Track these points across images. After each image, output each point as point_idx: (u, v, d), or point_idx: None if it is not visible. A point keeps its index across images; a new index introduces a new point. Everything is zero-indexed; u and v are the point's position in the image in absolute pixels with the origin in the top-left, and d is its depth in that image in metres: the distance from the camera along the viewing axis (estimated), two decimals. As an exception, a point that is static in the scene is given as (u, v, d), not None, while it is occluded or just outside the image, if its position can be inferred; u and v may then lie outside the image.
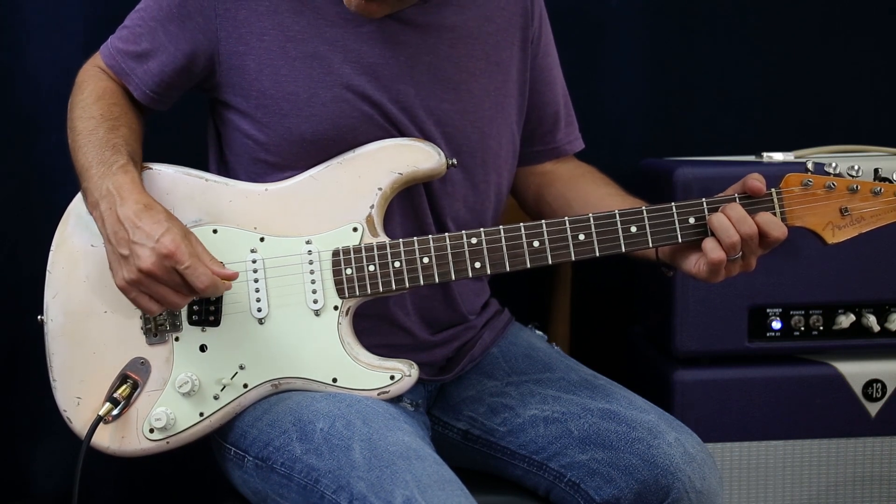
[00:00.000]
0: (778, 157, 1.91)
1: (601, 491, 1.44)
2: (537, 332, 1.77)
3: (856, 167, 1.41)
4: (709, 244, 1.38)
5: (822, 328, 1.90)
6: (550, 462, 1.49)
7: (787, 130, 2.26)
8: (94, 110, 1.49)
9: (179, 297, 1.37)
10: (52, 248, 1.48)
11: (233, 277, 1.40)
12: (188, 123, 1.65)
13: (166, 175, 1.48)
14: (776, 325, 1.89)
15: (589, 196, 1.62)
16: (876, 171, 1.42)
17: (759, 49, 2.28)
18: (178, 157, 1.53)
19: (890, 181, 1.42)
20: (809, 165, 1.42)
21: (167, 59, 1.49)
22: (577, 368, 1.60)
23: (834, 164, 1.42)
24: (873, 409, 1.89)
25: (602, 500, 1.44)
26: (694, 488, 1.41)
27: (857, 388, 1.89)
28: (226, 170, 1.55)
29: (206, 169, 1.54)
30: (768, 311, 1.89)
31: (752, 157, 1.97)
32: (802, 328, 1.89)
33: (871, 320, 1.88)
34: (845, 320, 1.89)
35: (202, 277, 1.36)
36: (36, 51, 2.06)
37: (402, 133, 1.49)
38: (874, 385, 1.88)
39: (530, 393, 1.55)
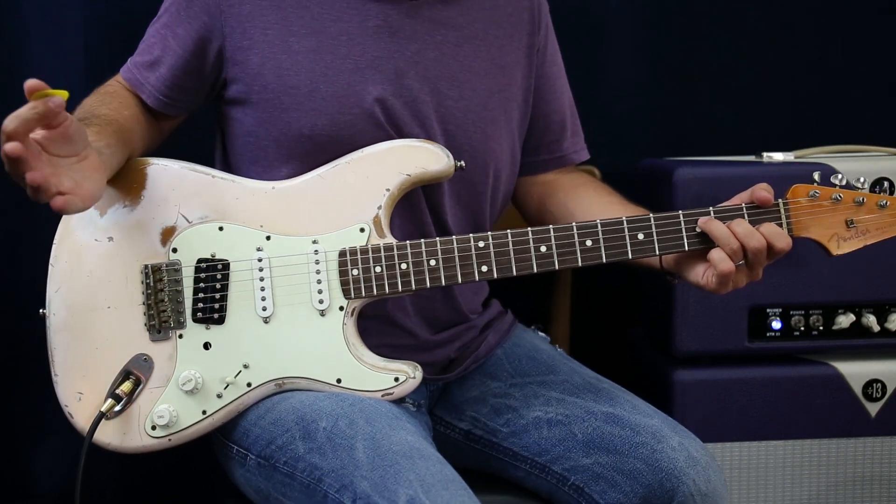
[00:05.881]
0: (778, 157, 1.90)
1: (606, 495, 1.43)
2: (540, 333, 1.76)
3: (861, 179, 1.42)
4: (716, 255, 1.38)
5: (821, 328, 1.90)
6: (554, 465, 1.49)
7: (787, 130, 2.27)
8: (94, 97, 1.50)
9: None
10: (55, 241, 1.46)
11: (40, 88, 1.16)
12: (193, 122, 1.64)
13: (172, 170, 1.47)
14: (776, 325, 1.89)
15: (591, 205, 1.62)
16: (881, 182, 1.42)
17: (760, 49, 2.28)
18: (183, 157, 1.52)
19: None
20: (816, 176, 1.42)
21: (175, 62, 1.51)
22: (580, 371, 1.60)
23: (840, 176, 1.42)
24: (873, 409, 1.89)
25: (606, 505, 1.44)
26: (699, 491, 1.40)
27: (857, 388, 1.89)
28: (229, 172, 1.53)
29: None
30: (768, 311, 1.89)
31: (752, 157, 1.97)
32: (802, 328, 1.89)
33: (871, 320, 1.88)
34: (845, 320, 1.89)
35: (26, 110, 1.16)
36: (36, 51, 2.06)
37: (400, 131, 1.49)
38: (874, 385, 1.89)
39: (534, 395, 1.55)
